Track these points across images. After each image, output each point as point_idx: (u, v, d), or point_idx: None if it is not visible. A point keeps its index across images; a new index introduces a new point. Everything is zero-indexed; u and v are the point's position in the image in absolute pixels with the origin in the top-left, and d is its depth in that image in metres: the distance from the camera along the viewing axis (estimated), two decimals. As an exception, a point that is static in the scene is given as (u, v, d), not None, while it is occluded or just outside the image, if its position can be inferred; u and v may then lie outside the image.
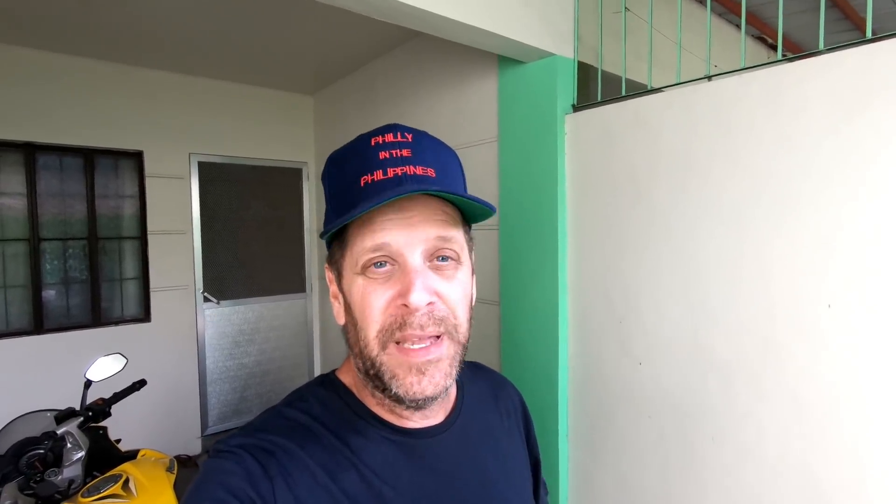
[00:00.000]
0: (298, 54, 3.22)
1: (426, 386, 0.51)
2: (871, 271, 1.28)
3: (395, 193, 0.48)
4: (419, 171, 0.52)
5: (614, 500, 1.94)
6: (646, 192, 1.78)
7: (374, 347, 0.52)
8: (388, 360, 0.51)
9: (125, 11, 2.55)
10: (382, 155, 0.52)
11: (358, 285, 0.52)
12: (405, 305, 0.50)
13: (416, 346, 0.51)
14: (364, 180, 0.51)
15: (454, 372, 0.54)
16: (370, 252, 0.51)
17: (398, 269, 0.51)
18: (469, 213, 0.57)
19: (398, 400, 0.52)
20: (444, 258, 0.53)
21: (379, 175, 0.51)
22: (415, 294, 0.49)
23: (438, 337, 0.52)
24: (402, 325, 0.50)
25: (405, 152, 0.52)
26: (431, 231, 0.52)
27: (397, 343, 0.51)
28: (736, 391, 1.56)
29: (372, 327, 0.51)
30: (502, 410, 0.70)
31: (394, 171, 0.51)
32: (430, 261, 0.52)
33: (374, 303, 0.51)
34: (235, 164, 3.78)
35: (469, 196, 0.51)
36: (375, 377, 0.53)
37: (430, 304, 0.51)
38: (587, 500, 2.05)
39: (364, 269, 0.52)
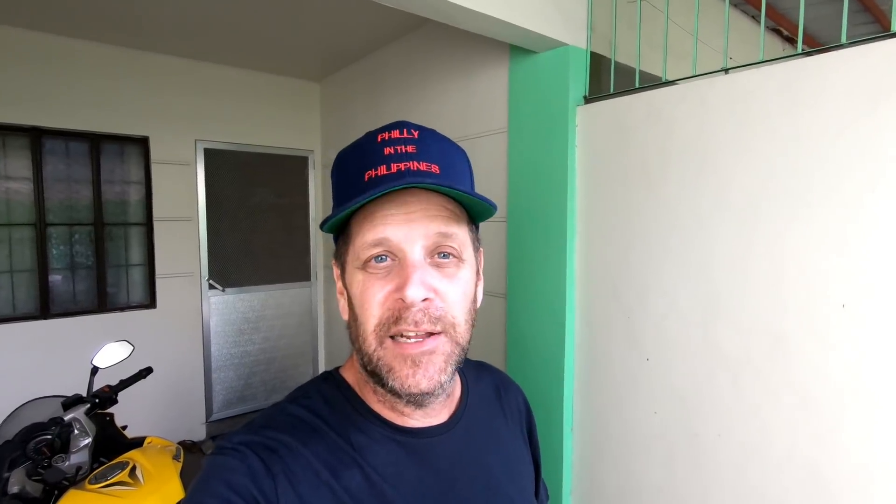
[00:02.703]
0: (306, 40, 3.18)
1: (420, 379, 0.51)
2: (889, 272, 1.26)
3: (390, 186, 0.48)
4: (423, 166, 0.51)
5: (618, 494, 1.94)
6: (657, 185, 1.76)
7: (371, 342, 0.52)
8: (385, 354, 0.51)
9: (131, -5, 2.53)
10: (387, 151, 0.52)
11: (358, 280, 0.53)
12: (401, 300, 0.50)
13: (410, 340, 0.51)
14: (368, 175, 0.51)
15: (449, 369, 0.53)
16: (371, 247, 0.51)
17: (397, 263, 0.51)
18: (474, 211, 0.57)
19: (395, 394, 0.52)
20: (445, 255, 0.53)
21: (382, 170, 0.51)
22: (411, 289, 0.49)
23: (434, 334, 0.52)
24: (398, 320, 0.50)
25: (409, 148, 0.52)
26: (432, 227, 0.51)
27: (392, 338, 0.51)
28: (744, 388, 1.55)
29: (370, 322, 0.51)
30: (506, 411, 0.70)
31: (397, 166, 0.51)
32: (431, 257, 0.52)
33: (373, 297, 0.51)
34: (241, 151, 3.76)
35: (466, 191, 0.51)
36: (373, 373, 0.53)
37: (426, 300, 0.50)
38: (590, 493, 2.05)
39: (365, 264, 0.52)
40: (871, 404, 1.30)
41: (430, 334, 0.51)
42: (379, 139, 0.52)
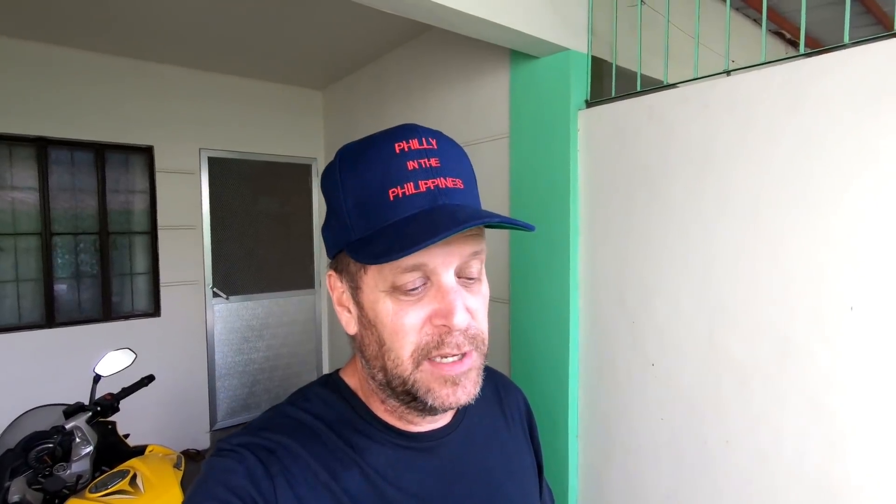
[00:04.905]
0: (308, 49, 3.20)
1: (460, 396, 0.51)
2: (896, 273, 1.24)
3: (449, 223, 0.44)
4: (449, 182, 0.50)
5: (625, 502, 1.91)
6: (660, 189, 1.75)
7: (407, 366, 0.51)
8: (422, 376, 0.51)
9: (137, 6, 2.55)
10: (411, 165, 0.48)
11: (386, 305, 0.50)
12: (445, 326, 0.49)
13: (449, 361, 0.51)
14: (393, 193, 0.48)
15: (480, 380, 0.54)
16: (406, 272, 0.48)
17: (431, 286, 0.50)
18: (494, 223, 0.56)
19: (431, 410, 0.52)
20: (471, 278, 0.52)
21: (410, 189, 0.48)
22: (458, 316, 0.48)
23: (467, 351, 0.52)
24: (440, 345, 0.49)
25: (433, 162, 0.49)
26: (466, 248, 0.50)
27: (429, 359, 0.50)
28: (751, 394, 1.53)
29: (406, 348, 0.50)
30: (507, 413, 0.70)
31: (425, 184, 0.48)
32: (460, 277, 0.51)
33: (409, 323, 0.49)
34: (245, 160, 3.78)
35: (522, 223, 0.49)
36: (405, 393, 0.52)
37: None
38: (598, 501, 2.02)
39: (395, 289, 0.49)
40: (882, 408, 1.27)
41: (465, 352, 0.51)
42: (397, 150, 0.49)
